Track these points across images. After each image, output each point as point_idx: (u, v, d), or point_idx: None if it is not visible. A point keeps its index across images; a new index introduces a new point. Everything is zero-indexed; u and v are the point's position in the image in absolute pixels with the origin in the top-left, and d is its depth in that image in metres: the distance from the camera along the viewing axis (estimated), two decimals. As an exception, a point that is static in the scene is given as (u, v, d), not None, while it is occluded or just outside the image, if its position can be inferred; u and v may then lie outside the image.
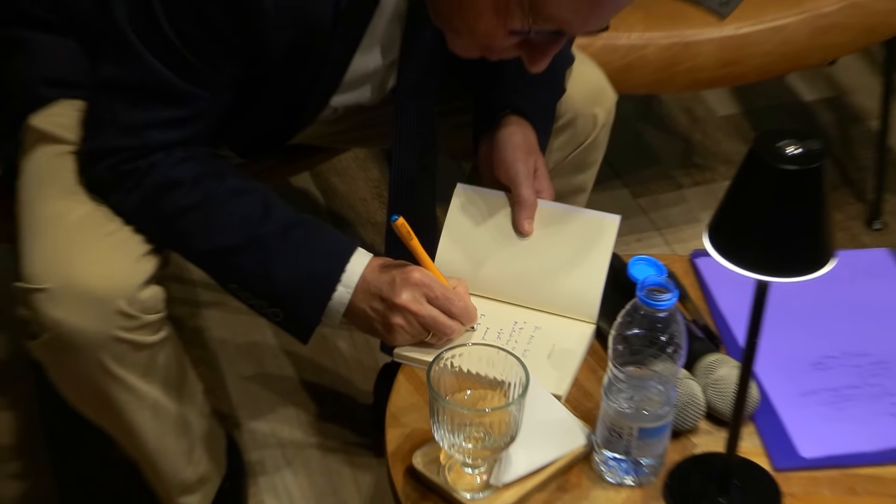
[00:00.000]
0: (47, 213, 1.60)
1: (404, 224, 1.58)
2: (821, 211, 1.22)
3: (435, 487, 1.41)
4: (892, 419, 1.51)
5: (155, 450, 1.69)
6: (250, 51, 1.54)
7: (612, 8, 1.48)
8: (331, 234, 1.61)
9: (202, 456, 1.75)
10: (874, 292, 1.68)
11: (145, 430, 1.66)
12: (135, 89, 1.55)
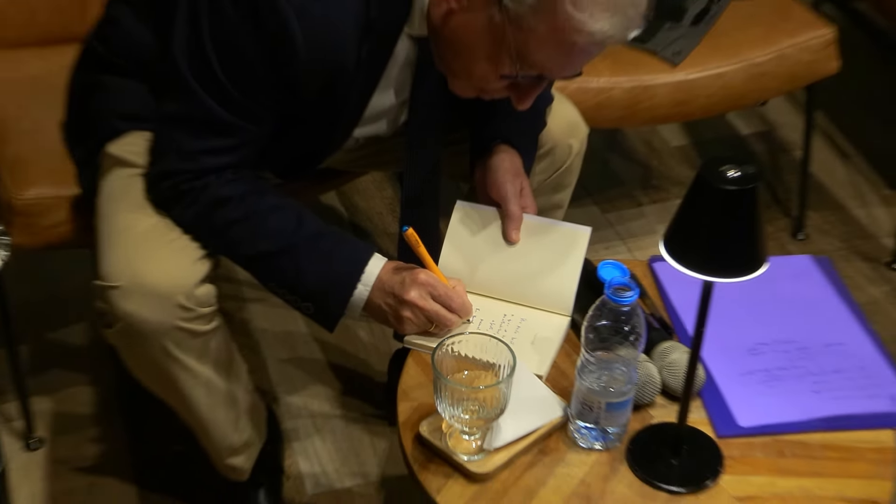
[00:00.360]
0: (120, 225, 1.59)
1: (413, 234, 1.58)
2: (755, 224, 1.22)
3: (438, 451, 1.40)
4: (813, 395, 1.50)
5: (208, 419, 1.68)
6: (287, 91, 1.53)
7: (584, 57, 1.48)
8: (352, 242, 1.60)
9: (246, 424, 1.74)
10: (799, 291, 1.68)
11: (200, 404, 1.65)
12: (192, 122, 1.54)
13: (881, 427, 1.46)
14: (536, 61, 1.45)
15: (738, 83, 2.22)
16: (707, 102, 2.23)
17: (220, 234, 1.57)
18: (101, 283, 1.54)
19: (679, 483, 1.38)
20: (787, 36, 2.24)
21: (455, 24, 1.48)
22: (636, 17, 1.43)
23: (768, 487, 1.38)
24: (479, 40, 1.47)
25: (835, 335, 1.61)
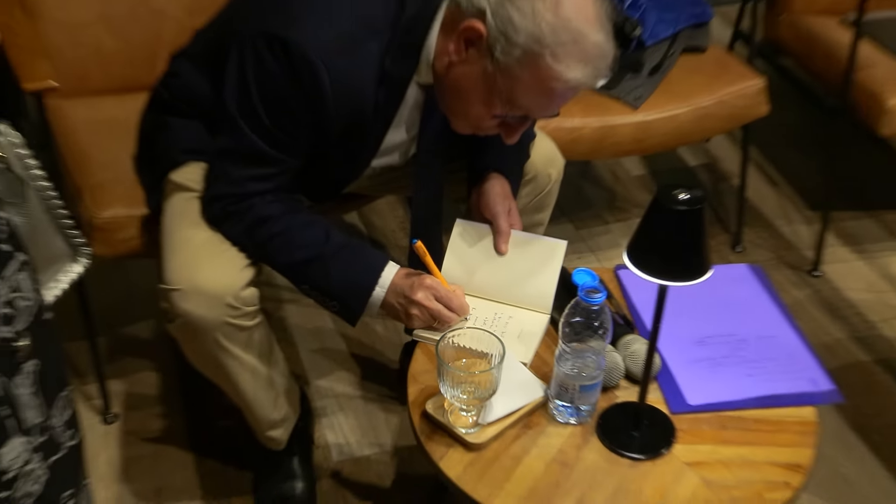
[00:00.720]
0: (180, 239, 1.58)
1: (421, 246, 1.58)
2: (701, 238, 1.22)
3: (441, 425, 1.40)
4: (749, 378, 1.50)
5: (251, 399, 1.67)
6: (318, 130, 1.53)
7: (561, 100, 1.48)
8: (371, 252, 1.59)
9: (283, 403, 1.73)
10: (737, 293, 1.67)
11: (245, 386, 1.64)
12: (239, 155, 1.54)
13: (804, 404, 1.46)
14: (522, 104, 1.46)
15: (687, 123, 2.21)
16: (662, 139, 2.22)
17: (261, 246, 1.57)
18: (165, 286, 1.53)
19: (639, 451, 1.37)
20: (727, 85, 2.24)
21: (455, 74, 1.49)
22: (604, 68, 1.44)
23: (712, 454, 1.38)
24: (475, 87, 1.47)
25: (767, 329, 1.60)
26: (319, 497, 1.83)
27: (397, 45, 1.51)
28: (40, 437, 1.00)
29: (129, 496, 1.83)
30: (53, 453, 1.03)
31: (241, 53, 1.49)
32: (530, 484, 1.33)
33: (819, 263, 2.43)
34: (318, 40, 1.44)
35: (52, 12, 2.00)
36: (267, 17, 1.49)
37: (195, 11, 2.05)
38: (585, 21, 1.39)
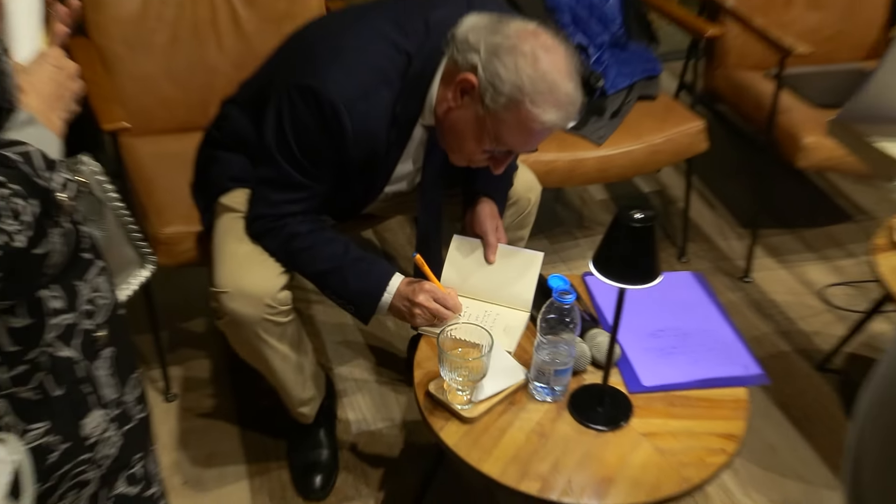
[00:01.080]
0: (228, 251, 1.58)
1: (420, 258, 1.58)
2: (653, 250, 1.22)
3: (441, 403, 1.39)
4: (692, 364, 1.48)
5: (284, 381, 1.65)
6: (340, 162, 1.52)
7: (539, 138, 1.47)
8: (381, 264, 1.57)
9: (311, 385, 1.72)
10: (683, 295, 1.66)
11: (280, 370, 1.63)
12: (276, 182, 1.53)
13: (737, 386, 1.46)
14: (507, 141, 1.45)
15: (641, 157, 2.20)
16: (620, 170, 2.21)
17: (293, 257, 1.56)
18: (215, 289, 1.53)
19: (603, 424, 1.37)
20: (673, 126, 2.22)
21: (452, 117, 1.48)
22: (573, 112, 1.43)
23: (663, 426, 1.37)
24: (468, 128, 1.47)
25: (707, 325, 1.59)
26: (340, 462, 1.82)
27: (406, 93, 1.49)
28: (115, 410, 0.99)
29: (186, 461, 1.82)
30: (126, 423, 1.02)
31: (279, 100, 1.48)
32: (513, 450, 1.31)
33: (749, 271, 2.41)
34: (342, 89, 1.43)
35: (127, 68, 2.00)
36: (299, 70, 1.48)
37: (240, 67, 2.06)
38: (558, 74, 1.38)
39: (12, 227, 0.73)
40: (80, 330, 0.92)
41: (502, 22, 1.41)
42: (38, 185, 0.77)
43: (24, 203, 0.75)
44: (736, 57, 2.55)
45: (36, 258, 0.76)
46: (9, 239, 0.73)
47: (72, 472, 0.94)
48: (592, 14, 2.34)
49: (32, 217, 0.75)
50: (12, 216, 0.73)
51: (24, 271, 0.76)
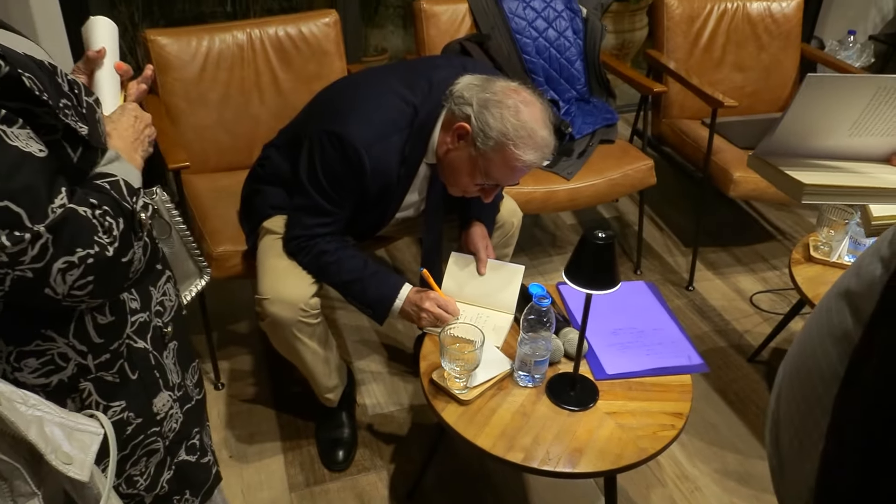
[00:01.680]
0: (269, 265, 1.56)
1: (426, 272, 1.57)
2: (613, 263, 1.21)
3: (442, 388, 1.37)
4: (646, 356, 1.47)
5: (314, 371, 1.63)
6: (360, 194, 1.51)
7: (520, 174, 1.47)
8: (393, 276, 1.56)
9: (335, 375, 1.70)
10: (638, 301, 1.64)
11: (310, 363, 1.61)
12: (309, 210, 1.52)
13: (683, 373, 1.44)
14: (495, 176, 1.45)
15: (603, 189, 2.18)
16: (586, 200, 2.19)
17: (322, 270, 1.54)
18: (259, 296, 1.52)
19: (575, 405, 1.35)
20: (628, 164, 2.21)
21: (450, 157, 1.48)
22: (548, 153, 1.43)
23: (623, 406, 1.36)
24: (463, 165, 1.46)
25: (658, 324, 1.57)
26: (359, 439, 1.80)
27: (413, 138, 1.48)
28: (178, 392, 0.99)
29: (232, 438, 1.80)
30: (187, 403, 1.02)
31: (311, 143, 1.48)
32: (501, 427, 1.30)
33: (692, 282, 2.40)
34: (362, 135, 1.42)
35: (187, 119, 1.99)
36: (327, 120, 1.47)
37: (278, 117, 2.05)
38: (536, 123, 1.38)
39: (105, 240, 0.74)
40: (151, 326, 0.92)
41: (490, 81, 1.43)
42: (124, 206, 0.78)
43: (113, 221, 0.76)
44: (677, 109, 2.54)
45: (122, 265, 0.77)
46: (102, 249, 0.74)
47: (144, 443, 0.94)
48: (562, 75, 2.36)
49: (120, 232, 0.76)
50: (105, 231, 0.74)
51: (112, 276, 0.76)
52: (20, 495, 0.60)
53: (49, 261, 0.69)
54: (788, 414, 0.51)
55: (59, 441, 0.64)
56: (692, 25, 2.48)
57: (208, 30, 2.02)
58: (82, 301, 0.74)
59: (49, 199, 0.69)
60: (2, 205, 0.65)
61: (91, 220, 0.73)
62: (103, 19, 0.95)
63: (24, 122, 0.68)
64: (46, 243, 0.68)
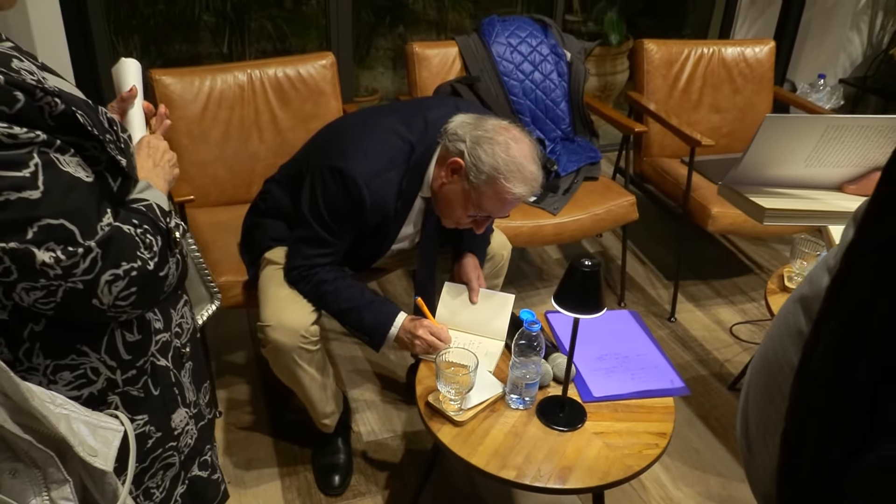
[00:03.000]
0: (271, 293, 1.61)
1: (420, 301, 1.61)
2: (598, 288, 1.27)
3: (437, 410, 1.41)
4: (631, 380, 1.51)
5: (312, 397, 1.67)
6: (359, 226, 1.56)
7: (511, 206, 1.52)
8: (390, 305, 1.60)
9: (332, 402, 1.74)
10: (622, 328, 1.68)
11: (309, 388, 1.64)
12: (309, 241, 1.57)
13: (665, 396, 1.48)
14: (486, 208, 1.51)
15: (587, 224, 2.25)
16: (571, 234, 2.24)
17: (322, 298, 1.58)
18: (261, 323, 1.56)
19: (564, 425, 1.39)
20: (611, 200, 2.28)
21: (444, 190, 1.54)
22: (537, 187, 1.49)
23: (610, 427, 1.40)
24: (457, 198, 1.52)
25: (642, 350, 1.61)
26: (354, 465, 1.82)
27: (409, 173, 1.54)
28: (193, 409, 1.04)
29: (230, 464, 1.82)
30: (201, 420, 1.06)
31: (313, 177, 1.54)
32: (495, 447, 1.34)
33: (674, 313, 2.45)
34: (362, 170, 1.48)
35: (190, 155, 2.05)
36: (329, 156, 1.53)
37: (276, 154, 2.13)
38: (525, 158, 1.45)
39: (146, 255, 0.82)
40: (172, 346, 0.99)
41: (482, 119, 1.51)
42: (160, 226, 0.86)
43: (152, 238, 0.84)
44: (658, 148, 2.62)
45: (160, 279, 0.85)
46: (144, 263, 0.81)
47: (162, 456, 0.99)
48: (547, 115, 2.45)
49: (158, 248, 0.84)
50: (146, 247, 0.82)
51: (151, 288, 0.84)
52: (53, 482, 0.67)
53: (98, 273, 0.77)
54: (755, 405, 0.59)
55: (85, 436, 0.71)
56: (671, 69, 2.60)
57: (211, 70, 2.11)
58: (124, 311, 0.82)
59: (98, 219, 0.77)
60: (58, 223, 0.73)
61: (134, 237, 0.81)
62: (133, 62, 1.05)
63: (74, 152, 0.77)
64: (96, 257, 0.76)
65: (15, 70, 0.72)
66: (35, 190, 0.71)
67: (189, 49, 3.79)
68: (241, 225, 1.84)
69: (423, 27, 4.26)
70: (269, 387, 2.06)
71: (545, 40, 2.46)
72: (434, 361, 1.41)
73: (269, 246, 1.70)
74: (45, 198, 0.72)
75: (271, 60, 2.20)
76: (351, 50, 2.92)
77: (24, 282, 0.74)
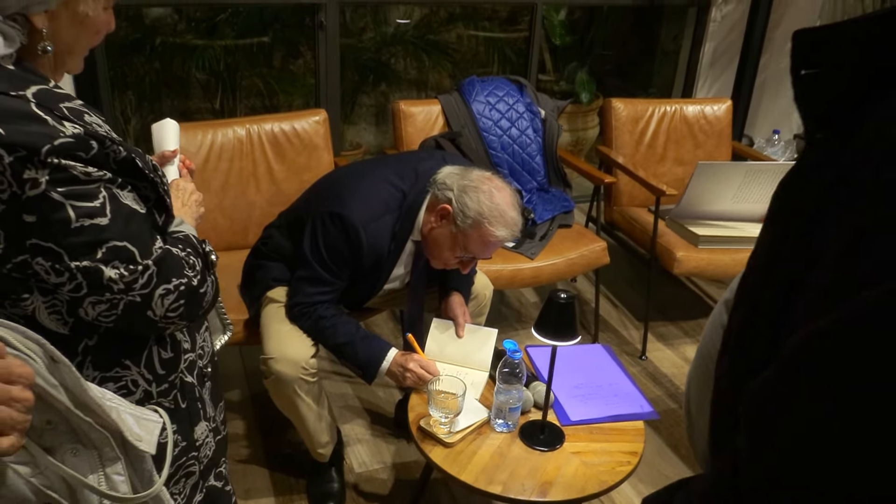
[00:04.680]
0: (274, 329, 1.70)
1: (411, 337, 1.72)
2: (574, 318, 1.42)
3: (429, 433, 1.51)
4: (605, 405, 1.63)
5: (309, 426, 1.75)
6: (355, 266, 1.67)
7: (494, 249, 1.65)
8: (382, 341, 1.70)
9: (328, 432, 1.81)
10: (596, 360, 1.80)
11: (307, 418, 1.72)
12: (310, 280, 1.67)
13: (636, 420, 1.60)
14: (472, 250, 1.64)
15: (562, 268, 2.37)
16: (548, 277, 2.34)
17: (320, 333, 1.68)
18: (264, 356, 1.66)
19: (544, 446, 1.51)
20: (583, 246, 2.41)
21: (434, 234, 1.66)
22: (517, 232, 1.62)
23: (586, 447, 1.52)
24: (445, 241, 1.65)
25: (614, 380, 1.73)
26: (347, 496, 1.89)
27: (402, 218, 1.67)
28: (212, 423, 1.14)
29: (227, 497, 1.90)
30: (217, 435, 1.16)
31: (314, 222, 1.66)
32: (482, 465, 1.45)
33: (644, 352, 2.56)
34: (360, 215, 1.61)
35: None
36: (329, 202, 1.66)
37: (272, 203, 2.25)
38: (506, 205, 1.60)
39: (191, 273, 0.96)
40: (196, 365, 1.11)
41: (468, 170, 1.67)
42: (199, 249, 1.01)
43: (195, 259, 0.98)
44: (626, 198, 2.77)
45: (201, 294, 0.99)
46: (189, 280, 0.96)
47: (185, 465, 1.10)
48: (524, 168, 2.62)
49: (200, 268, 0.98)
50: (190, 267, 0.97)
51: (195, 302, 0.98)
52: (107, 460, 0.79)
53: (153, 288, 0.91)
54: (695, 390, 0.75)
55: (131, 424, 0.83)
56: (637, 125, 2.80)
57: (213, 125, 2.28)
58: (173, 322, 0.95)
59: (152, 242, 0.92)
60: (122, 244, 0.87)
61: (181, 258, 0.95)
62: (173, 123, 1.21)
63: (131, 188, 0.91)
64: (152, 274, 0.90)
65: (88, 123, 0.87)
66: (104, 217, 0.86)
67: (181, 104, 3.97)
68: (240, 268, 1.94)
69: (404, 85, 4.50)
70: (265, 423, 2.14)
71: (521, 99, 2.66)
72: (427, 388, 1.53)
73: (271, 286, 1.81)
74: (112, 224, 0.87)
75: (268, 116, 2.36)
76: (339, 107, 3.11)
77: (92, 296, 0.87)
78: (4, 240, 0.83)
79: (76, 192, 0.83)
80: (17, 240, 0.83)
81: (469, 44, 4.55)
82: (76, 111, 0.87)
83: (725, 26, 3.56)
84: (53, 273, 0.85)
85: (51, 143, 0.80)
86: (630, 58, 4.81)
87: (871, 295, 0.38)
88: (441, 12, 4.32)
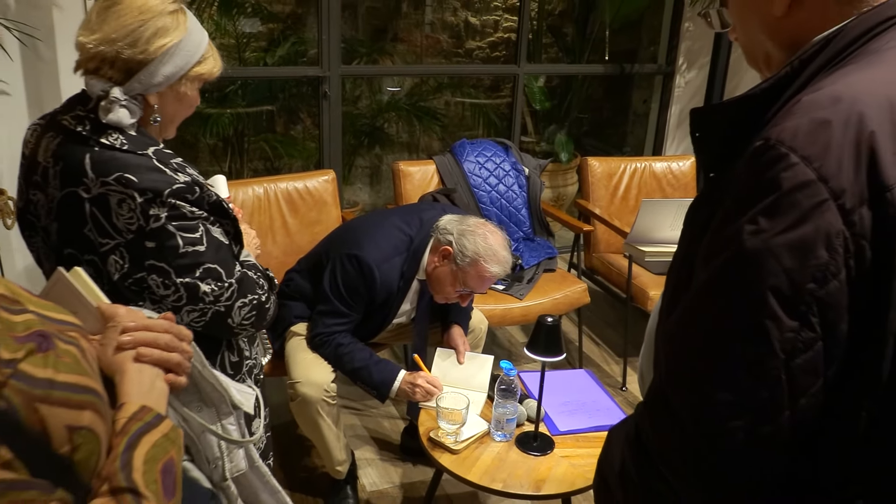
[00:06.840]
0: (299, 357, 1.90)
1: (417, 357, 1.90)
2: (559, 339, 1.61)
3: (437, 442, 1.68)
4: (588, 418, 1.80)
5: (329, 445, 1.91)
6: (369, 301, 1.87)
7: (489, 284, 1.86)
8: (392, 364, 1.87)
9: (344, 451, 1.96)
10: (579, 383, 1.97)
11: (327, 437, 1.90)
12: (330, 314, 1.88)
13: None
14: (470, 285, 1.86)
15: (548, 307, 2.53)
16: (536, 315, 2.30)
17: (338, 359, 1.88)
18: (291, 381, 1.85)
19: (537, 452, 1.69)
20: (567, 287, 2.60)
21: (437, 272, 1.89)
22: (508, 269, 1.86)
23: (573, 452, 1.69)
24: (446, 278, 1.87)
25: (595, 398, 1.90)
26: None
27: (409, 259, 1.90)
28: (264, 421, 1.37)
29: (252, 515, 2.06)
30: (267, 432, 1.39)
31: (333, 263, 1.88)
32: (485, 468, 1.64)
33: (625, 384, 2.74)
34: (374, 257, 1.84)
35: None
36: (347, 245, 1.88)
37: (287, 253, 2.47)
38: (499, 246, 1.85)
39: (260, 291, 1.22)
40: (252, 371, 1.37)
41: (465, 218, 1.93)
42: (264, 273, 1.28)
43: (263, 280, 1.25)
44: (603, 245, 3.00)
45: (266, 308, 1.25)
46: (259, 296, 1.22)
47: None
48: (511, 220, 2.86)
49: (266, 287, 1.25)
50: (259, 286, 1.23)
51: (263, 314, 1.24)
52: (223, 414, 1.03)
53: (234, 301, 1.17)
54: (646, 361, 1.03)
55: (234, 392, 1.09)
56: (611, 180, 3.07)
57: (234, 184, 2.54)
58: (245, 329, 1.21)
59: (234, 266, 1.18)
60: (213, 266, 1.14)
61: (254, 279, 1.22)
62: (223, 176, 1.50)
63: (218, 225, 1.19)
64: (234, 290, 1.17)
65: (190, 174, 1.16)
66: (202, 245, 1.13)
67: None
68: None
69: (397, 148, 4.82)
70: (283, 449, 2.29)
71: (507, 158, 2.95)
72: (434, 406, 1.74)
73: (293, 322, 2.03)
74: (207, 250, 1.14)
75: (283, 176, 2.63)
76: (341, 167, 3.41)
77: (189, 305, 1.14)
78: (129, 261, 1.10)
79: (184, 225, 1.12)
80: (138, 261, 1.10)
81: (456, 109, 4.90)
82: (181, 165, 1.16)
83: (689, 91, 3.91)
84: (163, 287, 1.12)
85: (170, 188, 1.09)
86: (605, 120, 5.18)
87: (717, 262, 0.67)
88: (430, 81, 4.67)
